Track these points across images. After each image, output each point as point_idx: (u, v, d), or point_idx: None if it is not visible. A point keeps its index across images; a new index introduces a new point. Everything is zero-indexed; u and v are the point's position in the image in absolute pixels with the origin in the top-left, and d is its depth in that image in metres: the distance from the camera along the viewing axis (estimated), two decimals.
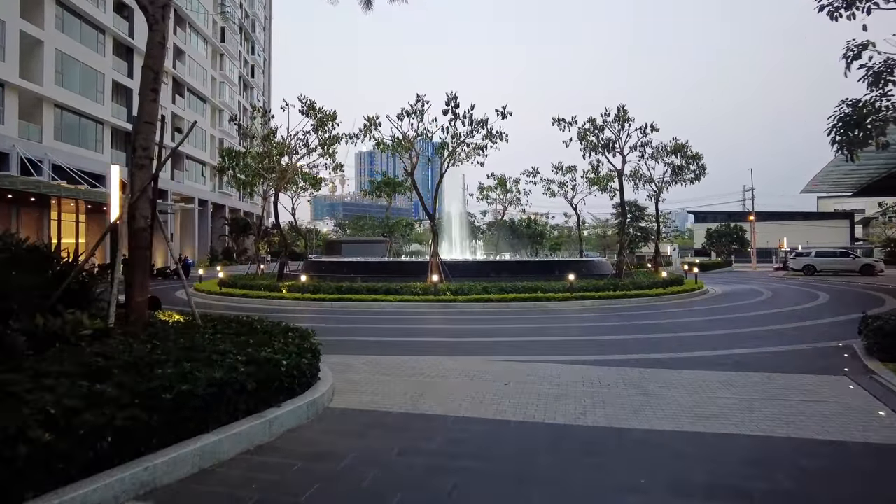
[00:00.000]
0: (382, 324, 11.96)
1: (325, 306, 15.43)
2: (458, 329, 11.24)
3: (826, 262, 31.29)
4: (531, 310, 14.60)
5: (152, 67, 6.52)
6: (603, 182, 31.78)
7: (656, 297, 17.22)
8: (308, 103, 18.43)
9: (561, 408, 5.41)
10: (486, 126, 16.13)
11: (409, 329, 11.31)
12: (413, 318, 13.03)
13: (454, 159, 17.40)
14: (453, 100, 15.81)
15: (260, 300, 16.73)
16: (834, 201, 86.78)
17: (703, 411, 5.29)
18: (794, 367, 7.29)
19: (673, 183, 26.33)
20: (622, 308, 15.11)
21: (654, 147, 21.04)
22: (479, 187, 35.98)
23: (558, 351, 8.59)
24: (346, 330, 11.09)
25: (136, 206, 6.38)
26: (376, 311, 14.30)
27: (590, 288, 16.79)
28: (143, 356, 4.44)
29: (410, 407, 5.44)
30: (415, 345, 9.25)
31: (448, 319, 12.97)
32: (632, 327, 11.42)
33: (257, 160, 19.68)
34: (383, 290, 16.09)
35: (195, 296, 19.33)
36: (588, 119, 19.24)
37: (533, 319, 12.74)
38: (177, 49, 44.25)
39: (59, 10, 30.18)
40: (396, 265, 20.68)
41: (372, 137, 16.79)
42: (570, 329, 11.36)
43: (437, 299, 15.38)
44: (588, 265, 22.49)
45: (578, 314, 13.85)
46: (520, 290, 16.10)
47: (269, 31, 73.89)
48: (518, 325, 11.63)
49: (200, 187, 49.74)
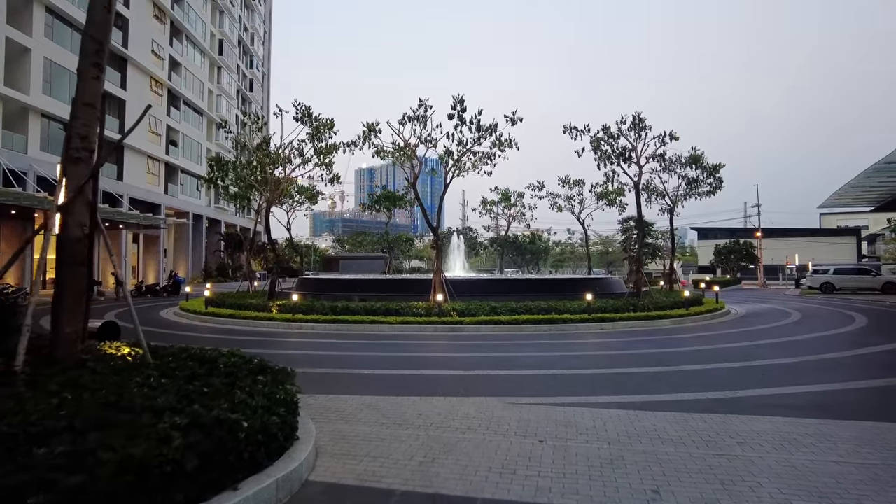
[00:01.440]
0: (381, 350, 10.52)
1: (318, 329, 14.00)
2: (469, 358, 9.81)
3: (846, 279, 29.89)
4: (547, 333, 13.18)
5: (95, 36, 5.22)
6: (612, 196, 30.66)
7: (680, 319, 15.81)
8: (303, 110, 17.20)
9: (622, 481, 3.99)
10: (496, 132, 14.86)
11: (412, 358, 9.87)
12: (416, 344, 11.60)
13: (459, 169, 16.13)
14: (459, 103, 14.55)
15: (247, 321, 15.29)
16: (837, 218, 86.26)
17: (816, 486, 3.88)
18: (893, 413, 5.89)
19: (686, 197, 25.10)
20: (647, 331, 13.69)
21: (669, 158, 19.78)
22: (482, 201, 34.76)
23: (592, 388, 7.17)
24: (338, 360, 9.64)
25: (70, 211, 5.02)
26: (374, 335, 12.87)
27: (608, 308, 15.39)
28: (24, 425, 3.03)
29: (420, 480, 4.02)
30: (419, 380, 7.82)
31: (455, 345, 11.54)
32: (668, 356, 9.99)
33: (249, 170, 18.35)
34: (382, 311, 14.67)
35: (180, 316, 17.92)
36: (602, 127, 18.02)
37: (551, 345, 11.32)
38: (172, 60, 43.33)
39: (49, 17, 29.20)
40: (396, 283, 19.28)
41: (371, 145, 15.52)
42: (598, 358, 9.93)
43: (441, 321, 13.96)
44: (601, 283, 21.12)
45: (601, 339, 12.43)
46: (532, 310, 14.70)
47: (269, 46, 73.43)
48: (536, 354, 10.21)
49: (195, 202, 48.46)
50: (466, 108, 14.57)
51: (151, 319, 17.00)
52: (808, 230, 76.32)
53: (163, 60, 41.48)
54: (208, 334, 13.28)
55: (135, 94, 37.27)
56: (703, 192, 24.89)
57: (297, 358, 9.66)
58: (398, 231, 76.93)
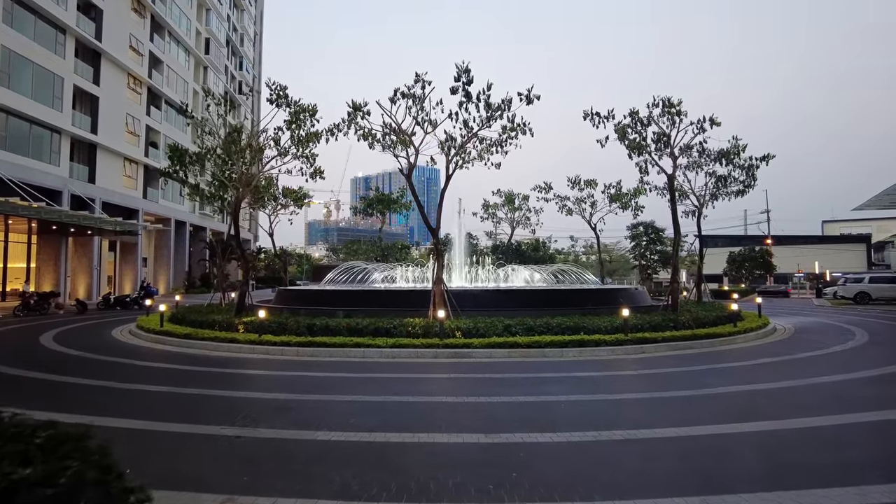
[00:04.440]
0: (363, 393, 7.69)
1: (289, 354, 11.17)
2: (486, 407, 6.97)
3: (884, 288, 27.21)
4: (577, 360, 10.41)
5: None
6: (626, 198, 28.01)
7: (730, 338, 13.07)
8: (278, 90, 14.48)
9: None
10: (509, 109, 12.08)
11: (405, 407, 7.02)
12: (410, 379, 8.80)
13: (463, 159, 13.42)
14: (465, 73, 11.79)
15: (205, 343, 12.45)
16: (840, 225, 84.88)
17: None
18: None
19: (715, 198, 22.40)
20: (701, 356, 10.93)
21: (709, 150, 17.00)
22: (484, 204, 32.08)
23: (699, 472, 4.38)
24: (299, 410, 6.80)
25: None
26: (358, 365, 10.06)
27: (645, 326, 12.63)
28: None
29: None
30: (414, 457, 4.98)
31: (464, 381, 8.75)
32: (764, 397, 7.21)
33: (215, 163, 15.53)
34: (370, 330, 11.87)
35: (133, 335, 15.06)
36: (630, 112, 15.33)
37: (590, 381, 8.54)
38: (153, 57, 40.64)
39: (8, 2, 26.50)
40: (389, 295, 16.44)
41: (357, 128, 12.77)
42: (669, 405, 7.11)
43: (443, 344, 11.15)
44: (624, 294, 18.33)
45: (649, 367, 9.66)
46: (554, 328, 11.91)
47: (260, 48, 70.88)
48: (576, 396, 7.40)
49: (178, 207, 45.55)
50: (473, 80, 11.84)
51: (93, 339, 14.15)
52: (814, 237, 74.54)
53: (142, 56, 38.81)
54: (146, 362, 10.45)
55: (110, 91, 34.57)
56: (732, 191, 22.17)
57: (240, 405, 6.85)
58: (394, 239, 74.16)
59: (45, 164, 29.13)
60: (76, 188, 30.59)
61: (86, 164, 33.32)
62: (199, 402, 7.16)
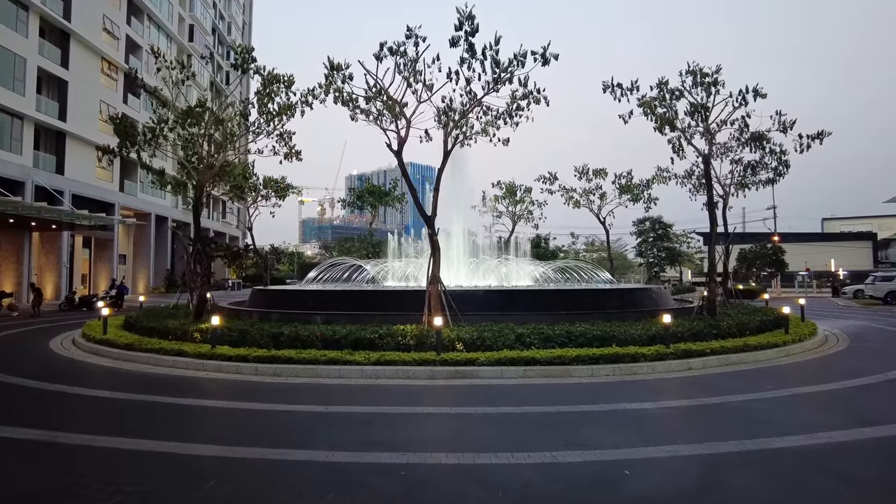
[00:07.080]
0: (326, 445, 5.33)
1: (245, 373, 8.83)
2: (506, 471, 4.65)
3: None
4: (612, 380, 8.13)
5: None
6: (637, 189, 25.76)
7: (785, 348, 10.82)
8: (244, 52, 12.09)
9: None
10: (522, 67, 9.65)
11: (388, 473, 4.71)
12: (397, 417, 6.47)
13: (464, 133, 11.11)
14: (468, 20, 9.35)
15: (148, 355, 10.08)
16: (840, 223, 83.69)
17: None
18: None
19: (743, 187, 20.10)
20: (764, 373, 8.66)
21: (741, 127, 14.67)
22: (483, 197, 29.75)
23: None
24: (218, 485, 4.46)
25: None
26: (328, 391, 7.72)
27: (686, 335, 10.36)
28: None
29: None
30: None
31: (470, 420, 6.44)
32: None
33: (179, 141, 13.12)
34: (350, 341, 9.53)
35: (74, 344, 12.70)
36: (658, 82, 13.05)
37: (640, 415, 6.26)
38: (131, 41, 38.05)
39: None
40: (375, 296, 14.09)
41: (336, 92, 10.41)
42: (765, 461, 4.83)
43: (441, 360, 8.81)
44: (644, 295, 16.05)
45: (706, 392, 7.36)
46: (578, 338, 9.60)
47: (249, 37, 68.23)
48: (650, 454, 5.08)
49: (159, 202, 42.98)
50: (478, 29, 9.47)
51: (17, 350, 11.77)
52: (817, 235, 73.08)
53: (118, 40, 36.22)
54: (47, 384, 8.07)
55: (80, 75, 31.97)
56: (761, 180, 19.84)
57: (124, 466, 4.50)
58: (386, 237, 71.68)
59: (4, 151, 26.59)
60: (41, 179, 28.03)
61: (53, 154, 30.77)
62: (67, 456, 4.83)
